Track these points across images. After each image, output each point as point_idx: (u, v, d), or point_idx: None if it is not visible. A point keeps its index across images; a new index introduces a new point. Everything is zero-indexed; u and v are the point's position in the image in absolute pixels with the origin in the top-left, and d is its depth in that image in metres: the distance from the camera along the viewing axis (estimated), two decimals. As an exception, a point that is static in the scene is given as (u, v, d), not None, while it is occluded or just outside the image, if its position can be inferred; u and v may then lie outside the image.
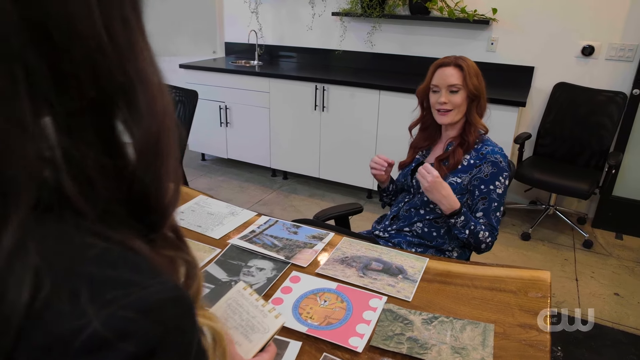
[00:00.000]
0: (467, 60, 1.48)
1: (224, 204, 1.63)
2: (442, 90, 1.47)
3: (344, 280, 1.21)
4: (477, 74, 1.48)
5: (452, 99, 1.46)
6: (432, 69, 1.50)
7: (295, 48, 3.88)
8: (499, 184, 1.43)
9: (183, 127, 2.17)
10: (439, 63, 1.49)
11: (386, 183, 1.68)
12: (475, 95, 1.47)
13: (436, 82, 1.48)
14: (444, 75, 1.46)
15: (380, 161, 1.56)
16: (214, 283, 1.20)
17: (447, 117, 1.48)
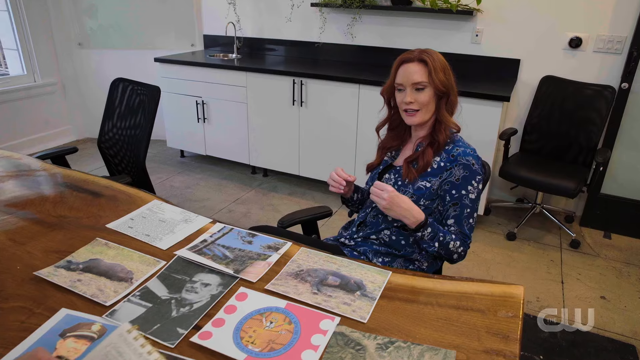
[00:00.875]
0: (433, 53, 1.35)
1: (179, 210, 1.51)
2: (407, 88, 1.35)
3: (295, 297, 1.09)
4: (444, 68, 1.36)
5: (419, 98, 1.34)
6: (395, 66, 1.38)
7: (275, 40, 3.74)
8: (471, 188, 1.32)
9: (145, 123, 2.04)
10: (401, 59, 1.36)
11: (349, 194, 1.56)
12: (443, 91, 1.35)
13: (400, 81, 1.36)
14: (407, 73, 1.34)
15: (339, 179, 1.42)
16: (152, 301, 1.08)
17: (416, 118, 1.36)
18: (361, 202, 1.61)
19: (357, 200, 1.59)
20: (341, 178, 1.43)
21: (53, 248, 1.29)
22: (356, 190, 1.58)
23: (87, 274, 1.18)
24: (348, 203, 1.61)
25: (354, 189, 1.57)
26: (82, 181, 1.70)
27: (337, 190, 1.44)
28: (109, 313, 1.05)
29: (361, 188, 1.61)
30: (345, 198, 1.59)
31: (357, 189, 1.59)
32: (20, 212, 1.48)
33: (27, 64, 3.87)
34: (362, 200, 1.60)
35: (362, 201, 1.60)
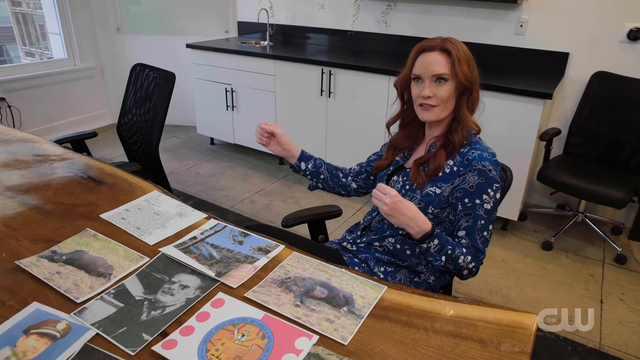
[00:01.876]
0: (456, 42, 1.20)
1: (175, 203, 1.45)
2: (425, 80, 1.20)
3: (274, 309, 1.00)
4: (469, 60, 1.20)
5: (438, 92, 1.19)
6: (413, 54, 1.23)
7: (308, 28, 3.63)
8: (486, 197, 1.16)
9: (159, 109, 2.00)
10: (421, 47, 1.21)
11: (292, 158, 1.47)
12: (466, 86, 1.19)
13: (418, 71, 1.21)
14: (427, 63, 1.19)
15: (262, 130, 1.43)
16: (125, 301, 1.02)
17: (432, 114, 1.22)
18: (314, 175, 1.49)
19: (307, 171, 1.48)
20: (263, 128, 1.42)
21: (43, 236, 1.26)
22: (306, 159, 1.47)
23: (68, 266, 1.14)
24: (300, 172, 1.51)
25: (300, 154, 1.47)
26: (89, 168, 1.68)
27: (260, 140, 1.44)
28: (78, 311, 0.99)
29: (316, 159, 1.50)
30: (295, 167, 1.49)
31: (307, 158, 1.48)
32: (22, 197, 1.46)
33: (68, 48, 3.96)
34: (315, 174, 1.49)
35: (315, 174, 1.49)
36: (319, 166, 1.48)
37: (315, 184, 1.53)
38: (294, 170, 1.52)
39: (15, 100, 3.60)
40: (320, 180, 1.50)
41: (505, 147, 2.53)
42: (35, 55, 4.64)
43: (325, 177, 1.49)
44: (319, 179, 1.50)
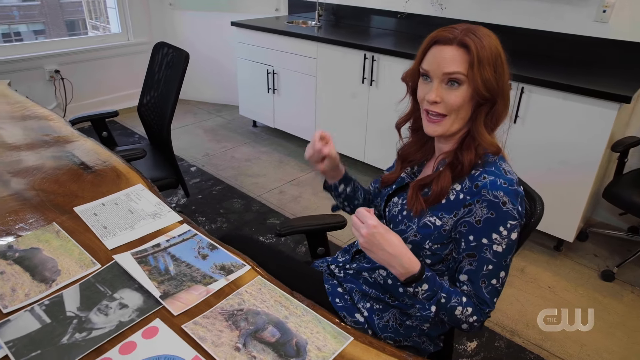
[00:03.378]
0: (483, 36, 0.92)
1: (155, 201, 1.32)
2: (434, 80, 0.94)
3: (208, 350, 0.84)
4: (495, 61, 0.92)
5: (448, 97, 0.93)
6: (424, 45, 0.97)
7: (359, 9, 3.36)
8: (497, 237, 0.91)
9: (171, 89, 1.88)
10: (434, 37, 0.95)
11: (332, 179, 1.23)
12: (484, 96, 0.92)
13: (427, 66, 0.95)
14: (438, 58, 0.93)
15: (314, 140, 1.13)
16: (54, 317, 0.90)
17: (439, 127, 0.96)
18: (349, 199, 1.26)
19: (343, 194, 1.25)
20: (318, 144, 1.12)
21: (7, 225, 1.19)
22: (346, 181, 1.24)
23: (16, 265, 1.05)
24: (332, 192, 1.27)
25: (343, 175, 1.23)
26: (86, 152, 1.60)
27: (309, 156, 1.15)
28: (1, 323, 0.89)
29: (355, 181, 1.27)
30: (329, 185, 1.26)
31: (348, 180, 1.24)
32: (8, 180, 1.41)
33: (123, 23, 4.00)
34: (351, 198, 1.26)
35: (350, 199, 1.26)
36: (357, 190, 1.26)
37: (343, 207, 1.31)
38: (325, 188, 1.29)
39: (68, 72, 3.70)
40: (352, 206, 1.28)
41: (566, 155, 2.17)
42: (99, 29, 4.78)
43: (359, 204, 1.27)
44: (352, 205, 1.28)
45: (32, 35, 14.48)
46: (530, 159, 2.29)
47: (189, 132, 3.87)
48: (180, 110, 4.34)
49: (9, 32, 13.86)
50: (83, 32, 5.18)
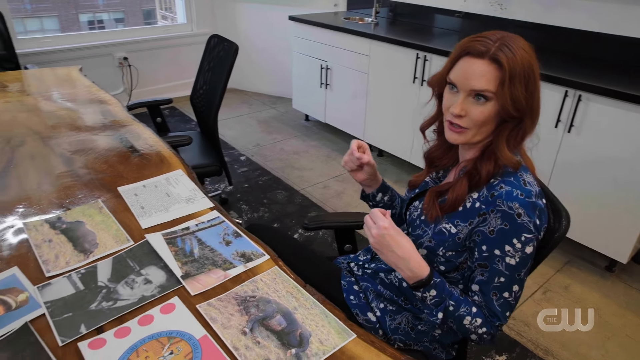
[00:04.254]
0: (517, 49, 0.87)
1: (191, 187, 1.40)
2: (460, 93, 0.91)
3: (217, 331, 0.88)
4: (528, 78, 0.88)
5: (473, 112, 0.90)
6: (455, 54, 0.94)
7: (417, 7, 3.30)
8: (510, 249, 0.88)
9: (221, 80, 1.96)
10: (465, 47, 0.91)
11: (370, 188, 1.23)
12: (511, 115, 0.89)
13: (455, 78, 0.92)
14: (467, 71, 0.90)
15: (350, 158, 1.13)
16: (87, 285, 0.99)
17: (460, 136, 0.94)
18: (386, 208, 1.26)
19: (381, 203, 1.25)
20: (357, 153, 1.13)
21: (60, 199, 1.30)
22: (384, 190, 1.24)
23: (62, 235, 1.16)
24: (369, 201, 1.27)
25: (380, 184, 1.23)
26: (136, 137, 1.72)
27: (345, 163, 1.17)
28: (42, 285, 0.99)
29: (392, 190, 1.26)
30: (366, 194, 1.26)
31: (386, 189, 1.24)
32: (68, 158, 1.54)
33: (188, 14, 4.19)
34: (388, 207, 1.25)
35: (387, 208, 1.25)
36: (394, 199, 1.27)
37: None
38: (362, 198, 1.30)
39: (135, 60, 3.94)
40: None
41: (624, 170, 2.03)
42: (168, 19, 5.03)
43: (397, 213, 1.27)
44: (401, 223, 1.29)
45: (113, 23, 15.46)
46: (584, 171, 2.16)
47: (242, 122, 4.00)
48: (236, 100, 4.49)
49: (93, 19, 14.90)
50: (155, 22, 5.47)
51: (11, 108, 1.97)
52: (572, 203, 2.17)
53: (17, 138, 1.67)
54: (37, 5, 13.18)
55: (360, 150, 1.14)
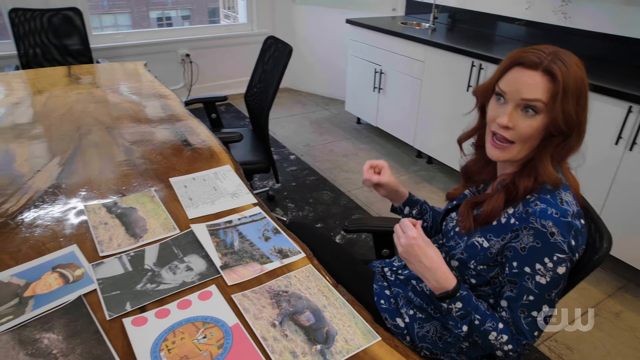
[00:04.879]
0: (571, 64, 0.85)
1: (237, 182, 1.46)
2: (509, 103, 0.90)
3: (248, 321, 0.93)
4: (581, 93, 0.86)
5: (520, 125, 0.88)
6: (505, 63, 0.92)
7: (477, 13, 3.23)
8: (541, 268, 0.86)
9: (273, 80, 2.02)
10: (517, 57, 0.89)
11: (396, 202, 1.25)
12: (560, 130, 0.87)
13: (505, 87, 0.90)
14: (519, 82, 0.88)
15: (364, 169, 1.17)
16: (135, 267, 1.07)
17: (503, 153, 0.92)
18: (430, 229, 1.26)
19: (410, 216, 1.25)
20: (366, 174, 1.17)
21: (117, 185, 1.41)
22: (411, 204, 1.24)
23: (116, 219, 1.25)
24: (398, 214, 1.28)
25: (406, 198, 1.24)
26: (190, 132, 1.81)
27: (364, 184, 1.21)
28: (96, 263, 1.08)
29: (422, 204, 1.26)
30: (394, 207, 1.27)
31: (413, 203, 1.25)
32: (127, 148, 1.66)
33: (249, 14, 4.33)
34: (432, 228, 1.26)
35: (432, 229, 1.26)
36: (424, 213, 1.28)
37: None
38: (392, 210, 1.32)
39: (197, 56, 4.12)
40: None
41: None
42: (230, 18, 5.21)
43: (429, 225, 1.28)
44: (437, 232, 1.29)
45: (180, 20, 16.22)
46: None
47: (295, 122, 4.08)
48: (291, 100, 4.59)
49: (162, 16, 15.69)
50: (218, 20, 5.68)
51: (82, 99, 2.14)
52: (630, 225, 2.06)
53: (85, 127, 1.82)
54: (113, 2, 14.07)
55: (375, 169, 1.17)
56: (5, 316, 0.93)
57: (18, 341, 0.88)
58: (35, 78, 2.48)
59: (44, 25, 3.17)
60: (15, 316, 0.93)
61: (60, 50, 3.28)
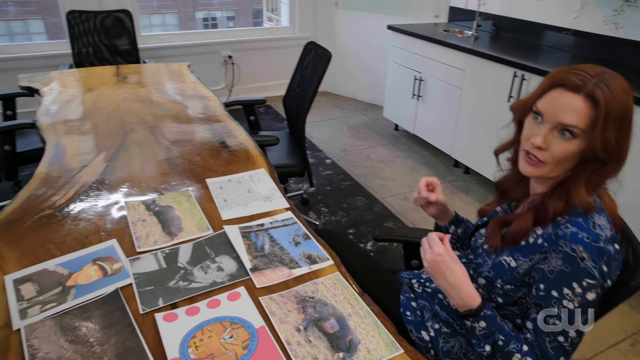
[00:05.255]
0: (615, 88, 0.82)
1: (271, 186, 1.49)
2: (545, 124, 0.87)
3: (274, 324, 0.95)
4: (624, 120, 0.83)
5: (555, 148, 0.86)
6: (546, 82, 0.90)
7: (522, 22, 3.15)
8: (569, 293, 0.83)
9: (312, 85, 2.05)
10: (560, 78, 0.86)
11: (442, 221, 1.23)
12: (598, 157, 0.84)
13: (543, 108, 0.88)
14: (559, 104, 0.85)
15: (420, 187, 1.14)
16: (169, 264, 1.12)
17: (535, 169, 0.91)
18: (461, 241, 1.25)
19: (455, 235, 1.24)
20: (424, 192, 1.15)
21: (156, 184, 1.47)
22: (456, 222, 1.23)
23: (154, 217, 1.30)
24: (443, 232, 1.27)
25: (452, 217, 1.22)
26: (228, 133, 1.86)
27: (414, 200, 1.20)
28: (133, 258, 1.13)
29: (466, 223, 1.25)
30: (439, 226, 1.26)
31: (458, 222, 1.23)
32: (167, 148, 1.72)
33: (292, 17, 4.39)
34: (463, 240, 1.24)
35: (462, 240, 1.24)
36: (468, 231, 1.26)
37: (455, 248, 1.30)
38: (435, 229, 1.31)
39: (239, 58, 4.21)
40: (465, 247, 1.28)
41: None
42: (273, 21, 5.30)
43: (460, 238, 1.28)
44: (465, 246, 1.27)
45: (224, 21, 16.63)
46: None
47: (333, 126, 4.10)
48: (329, 104, 4.61)
49: (208, 17, 16.13)
50: (261, 22, 5.80)
51: (129, 98, 2.23)
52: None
53: (129, 125, 1.90)
54: (162, 3, 14.62)
55: (429, 187, 1.16)
56: (50, 303, 0.99)
57: (60, 327, 0.93)
58: (87, 76, 2.61)
59: (96, 26, 3.33)
60: (58, 303, 0.99)
61: (110, 50, 3.43)
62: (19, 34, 13.36)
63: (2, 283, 1.04)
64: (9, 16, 12.96)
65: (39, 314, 0.96)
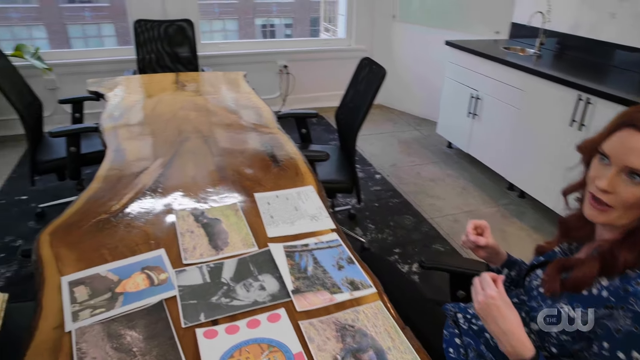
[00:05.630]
0: None
1: (318, 204, 1.48)
2: (612, 167, 0.83)
3: (311, 351, 0.94)
4: None
5: (622, 191, 0.81)
6: (614, 123, 0.85)
7: (591, 41, 2.97)
8: (638, 357, 0.76)
9: (365, 101, 2.03)
10: (630, 118, 0.81)
11: (494, 264, 1.17)
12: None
13: (609, 150, 0.83)
14: (626, 147, 0.80)
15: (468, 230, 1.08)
16: (213, 279, 1.13)
17: (601, 215, 0.85)
18: (515, 283, 1.18)
19: (509, 278, 1.17)
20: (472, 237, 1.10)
21: (207, 195, 1.50)
22: (510, 265, 1.17)
23: (201, 229, 1.33)
24: None
25: (505, 259, 1.17)
26: (278, 147, 1.87)
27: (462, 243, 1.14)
28: (179, 270, 1.16)
29: (521, 265, 1.18)
30: (491, 269, 1.20)
31: (512, 264, 1.17)
32: (219, 158, 1.76)
33: (349, 29, 4.40)
34: (517, 282, 1.18)
35: (516, 283, 1.18)
36: (522, 273, 1.19)
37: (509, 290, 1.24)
38: (488, 268, 1.27)
39: (294, 68, 4.27)
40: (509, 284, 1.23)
41: None
42: (330, 32, 5.33)
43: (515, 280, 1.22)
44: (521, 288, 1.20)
45: (282, 28, 16.99)
46: None
47: (384, 140, 4.05)
48: (382, 117, 4.57)
49: (266, 24, 16.54)
50: (318, 30, 5.87)
51: (186, 106, 2.31)
52: None
53: (184, 134, 1.96)
54: (223, 9, 15.18)
55: (478, 230, 1.11)
56: (99, 308, 1.03)
57: (107, 334, 0.97)
58: (148, 83, 2.73)
59: (160, 34, 3.49)
60: (107, 309, 1.03)
61: (172, 57, 3.58)
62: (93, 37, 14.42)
63: (59, 284, 1.09)
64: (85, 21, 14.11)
65: (89, 317, 1.00)
